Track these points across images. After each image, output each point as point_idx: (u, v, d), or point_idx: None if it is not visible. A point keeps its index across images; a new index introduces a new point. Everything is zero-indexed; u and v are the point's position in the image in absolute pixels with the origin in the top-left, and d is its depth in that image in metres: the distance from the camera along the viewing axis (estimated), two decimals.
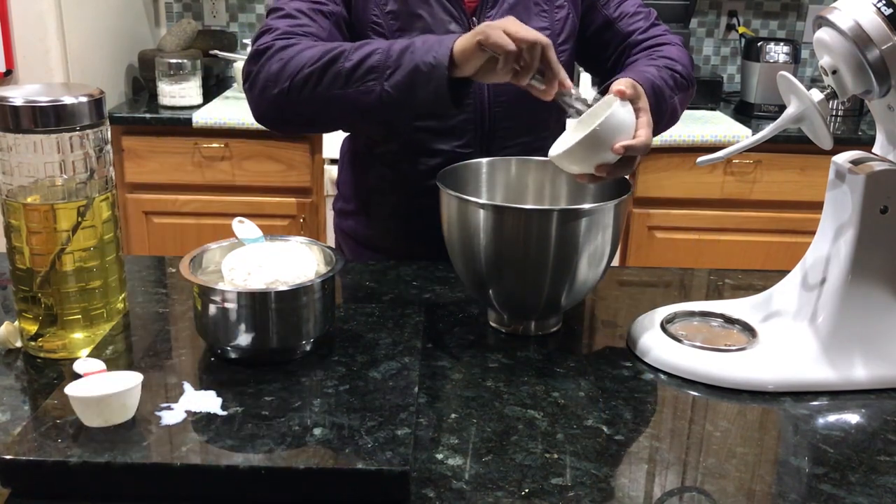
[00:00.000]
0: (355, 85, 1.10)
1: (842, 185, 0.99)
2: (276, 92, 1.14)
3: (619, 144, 0.99)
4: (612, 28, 1.33)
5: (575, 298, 1.07)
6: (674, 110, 1.24)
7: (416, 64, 1.06)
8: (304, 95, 1.12)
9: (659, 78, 1.19)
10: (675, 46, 1.31)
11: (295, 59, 1.13)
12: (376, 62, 1.09)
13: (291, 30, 1.18)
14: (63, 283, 0.96)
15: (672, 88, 1.22)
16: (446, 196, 1.05)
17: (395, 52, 1.09)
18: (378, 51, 1.10)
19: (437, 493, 0.76)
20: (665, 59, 1.26)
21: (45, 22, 2.34)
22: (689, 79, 1.28)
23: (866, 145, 1.06)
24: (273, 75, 1.14)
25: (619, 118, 0.99)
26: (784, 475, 0.82)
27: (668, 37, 1.33)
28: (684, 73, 1.27)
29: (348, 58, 1.10)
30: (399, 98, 1.09)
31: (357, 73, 1.10)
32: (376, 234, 1.42)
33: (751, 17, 3.04)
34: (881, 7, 0.90)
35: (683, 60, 1.28)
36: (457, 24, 1.26)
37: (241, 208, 2.54)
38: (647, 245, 2.58)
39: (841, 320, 0.98)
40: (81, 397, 0.78)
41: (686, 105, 1.31)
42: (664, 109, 1.20)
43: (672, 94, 1.22)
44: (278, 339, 0.92)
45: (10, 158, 0.92)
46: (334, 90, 1.11)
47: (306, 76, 1.11)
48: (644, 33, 1.32)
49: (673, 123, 1.28)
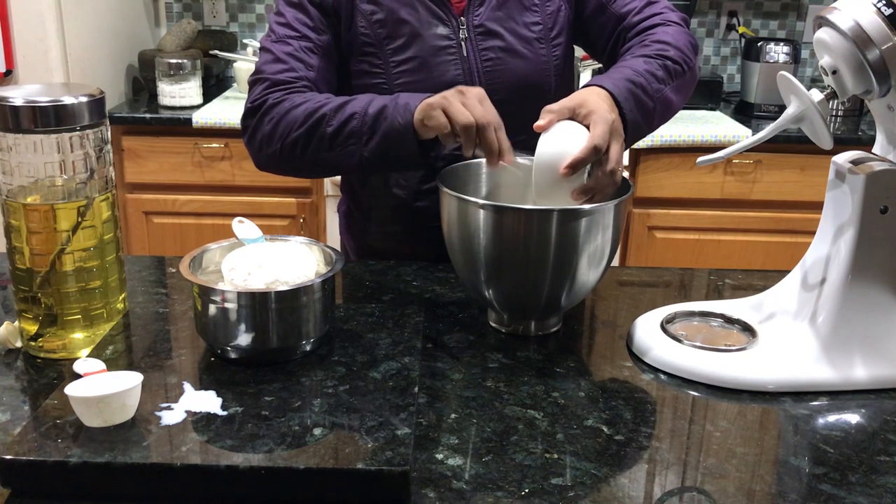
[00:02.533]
0: (338, 149, 1.16)
1: (842, 185, 0.99)
2: (270, 152, 1.22)
3: (562, 168, 1.00)
4: (605, 11, 1.31)
5: (575, 298, 1.07)
6: (666, 101, 1.19)
7: (387, 130, 1.12)
8: (296, 157, 1.20)
9: (643, 73, 1.16)
10: (671, 27, 1.26)
11: (284, 120, 1.19)
12: (355, 128, 1.14)
13: (280, 78, 1.23)
14: (63, 283, 0.96)
15: (661, 80, 1.18)
16: (446, 196, 1.05)
17: (371, 117, 1.13)
18: (356, 116, 1.14)
19: (437, 493, 0.76)
20: (658, 44, 1.22)
21: (45, 22, 2.34)
22: (685, 63, 1.23)
23: (866, 145, 1.06)
24: (266, 136, 1.21)
25: (547, 149, 1.01)
26: (784, 475, 0.82)
27: (667, 15, 1.28)
28: (678, 57, 1.21)
29: (329, 122, 1.16)
30: (378, 160, 1.15)
31: (339, 138, 1.15)
32: (379, 236, 1.42)
33: (751, 17, 3.04)
34: (881, 7, 0.90)
35: (678, 43, 1.23)
36: (444, 25, 1.26)
37: (241, 208, 2.54)
38: (647, 245, 2.58)
39: (841, 320, 0.98)
40: (81, 397, 0.78)
41: (686, 91, 1.25)
42: (651, 106, 1.16)
43: (661, 87, 1.17)
44: (278, 339, 0.92)
45: (10, 158, 0.92)
46: (321, 153, 1.18)
47: (294, 140, 1.18)
48: (639, 14, 1.28)
49: (670, 114, 1.23)
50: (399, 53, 1.26)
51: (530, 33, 1.28)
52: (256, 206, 2.57)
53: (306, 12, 1.26)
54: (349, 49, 1.28)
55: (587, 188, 1.02)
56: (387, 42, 1.26)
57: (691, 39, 1.27)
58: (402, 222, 1.38)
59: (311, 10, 1.26)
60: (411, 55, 1.25)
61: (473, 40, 1.27)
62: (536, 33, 1.29)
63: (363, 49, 1.27)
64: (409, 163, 1.15)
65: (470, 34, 1.27)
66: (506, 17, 1.28)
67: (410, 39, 1.26)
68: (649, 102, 1.16)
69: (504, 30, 1.27)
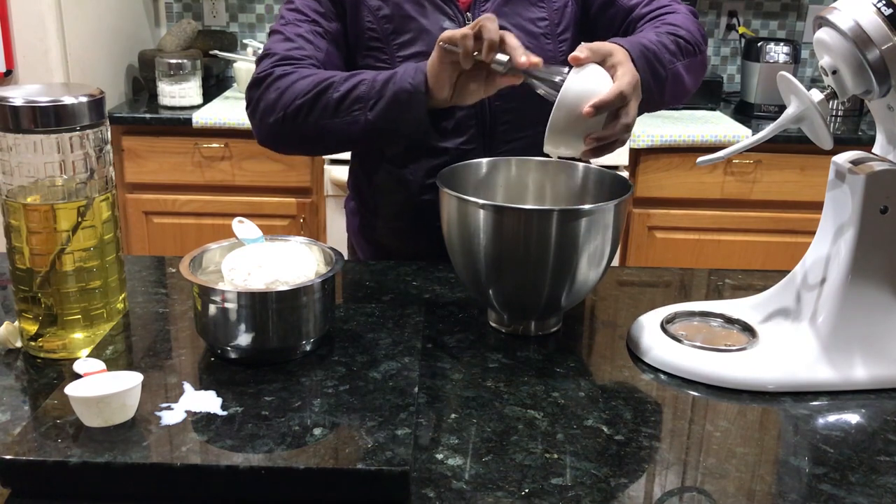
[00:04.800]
0: (342, 115, 1.15)
1: (842, 185, 0.99)
2: (272, 120, 1.20)
3: (587, 106, 0.99)
4: (614, 4, 1.31)
5: (575, 298, 1.07)
6: (677, 76, 1.20)
7: (396, 92, 1.11)
8: (298, 125, 1.18)
9: (655, 43, 1.16)
10: (681, 15, 1.27)
11: (290, 88, 1.18)
12: (362, 93, 1.14)
13: (290, 54, 1.23)
14: (63, 284, 0.96)
15: (673, 53, 1.19)
16: (446, 196, 1.05)
17: (380, 82, 1.13)
18: (364, 81, 1.14)
19: (437, 493, 0.76)
20: (668, 25, 1.23)
21: (45, 22, 2.34)
22: (696, 45, 1.24)
23: (866, 145, 1.06)
24: (270, 104, 1.20)
25: (577, 85, 1.00)
26: (784, 475, 0.82)
27: (675, 6, 1.29)
28: (689, 38, 1.22)
29: (337, 89, 1.15)
30: (383, 127, 1.14)
31: (344, 103, 1.15)
32: (385, 233, 1.42)
33: (751, 17, 3.04)
34: (881, 7, 0.90)
35: (688, 27, 1.24)
36: (451, 21, 1.26)
37: (241, 208, 2.55)
38: (647, 245, 2.58)
39: (841, 320, 0.98)
40: (81, 397, 0.78)
41: (697, 73, 1.26)
42: (663, 74, 1.16)
43: (673, 59, 1.18)
44: (278, 339, 0.92)
45: (10, 158, 0.92)
46: (324, 120, 1.17)
47: (298, 107, 1.17)
48: (647, 6, 1.29)
49: (682, 91, 1.24)
50: (405, 49, 1.26)
51: (536, 29, 1.29)
52: (256, 206, 2.57)
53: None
54: (355, 43, 1.29)
55: (602, 136, 1.02)
56: (393, 37, 1.26)
57: (700, 28, 1.28)
58: (409, 217, 1.38)
59: None
60: (417, 50, 1.26)
61: None
62: (542, 29, 1.29)
63: (369, 44, 1.27)
64: (415, 128, 1.13)
65: None
66: (512, 13, 1.28)
67: (417, 35, 1.26)
68: (661, 71, 1.16)
69: (510, 25, 1.27)
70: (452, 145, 1.29)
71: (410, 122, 1.13)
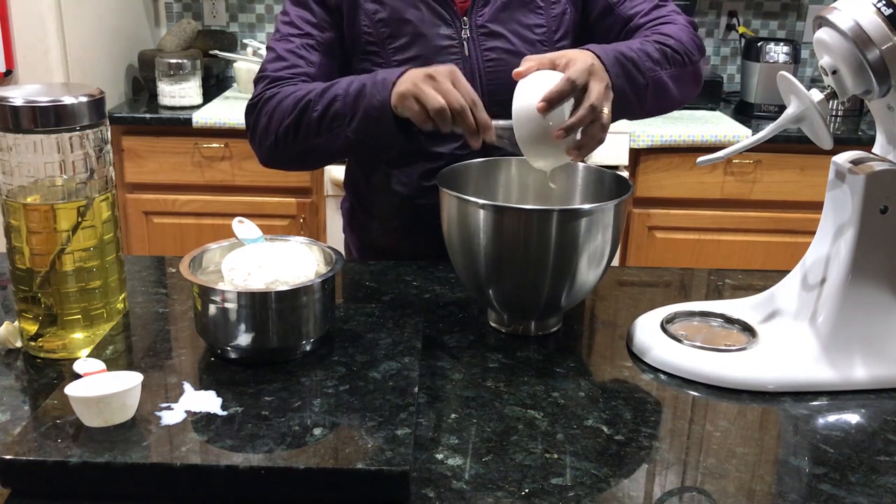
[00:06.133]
0: (325, 134, 1.18)
1: (842, 185, 0.99)
2: (268, 144, 1.24)
3: (538, 103, 0.99)
4: (613, 13, 1.31)
5: (575, 298, 1.06)
6: (661, 84, 1.19)
7: (366, 108, 1.13)
8: (289, 146, 1.22)
9: (636, 50, 1.16)
10: (675, 25, 1.26)
11: (276, 111, 1.21)
12: (338, 109, 1.16)
13: (280, 75, 1.25)
14: (63, 284, 0.96)
15: (657, 62, 1.18)
16: (446, 196, 1.05)
17: (352, 96, 1.14)
18: (338, 97, 1.15)
19: (437, 493, 0.76)
20: (659, 34, 1.23)
21: (45, 22, 2.34)
22: (686, 55, 1.23)
23: (866, 145, 1.06)
24: (263, 129, 1.24)
25: (524, 92, 1.01)
26: (784, 475, 0.82)
27: (673, 17, 1.29)
28: (678, 47, 1.22)
29: (314, 108, 1.17)
30: (363, 140, 1.16)
31: (324, 122, 1.17)
32: (381, 233, 1.42)
33: (751, 17, 3.04)
34: (881, 7, 0.90)
35: (680, 37, 1.23)
36: (447, 26, 1.26)
37: (241, 208, 2.54)
38: (647, 245, 2.58)
39: (841, 320, 0.98)
40: (81, 397, 0.78)
41: (687, 83, 1.25)
42: (642, 81, 1.16)
43: (655, 67, 1.18)
44: (278, 339, 0.92)
45: (10, 158, 0.92)
46: (310, 140, 1.19)
47: (286, 129, 1.20)
48: (646, 16, 1.29)
49: (668, 100, 1.23)
50: (401, 53, 1.26)
51: (533, 35, 1.28)
52: (256, 206, 2.57)
53: (310, 10, 1.28)
54: (352, 47, 1.29)
55: (571, 124, 1.01)
56: (389, 41, 1.26)
57: (696, 39, 1.27)
58: (404, 219, 1.38)
59: (314, 7, 1.28)
60: (414, 54, 1.26)
61: (476, 41, 1.27)
62: (539, 35, 1.29)
63: (366, 48, 1.28)
64: (391, 140, 1.15)
65: (473, 34, 1.27)
66: (509, 19, 1.28)
67: (413, 39, 1.26)
68: (640, 77, 1.16)
69: (507, 31, 1.27)
70: (447, 150, 1.29)
71: (383, 135, 1.14)
